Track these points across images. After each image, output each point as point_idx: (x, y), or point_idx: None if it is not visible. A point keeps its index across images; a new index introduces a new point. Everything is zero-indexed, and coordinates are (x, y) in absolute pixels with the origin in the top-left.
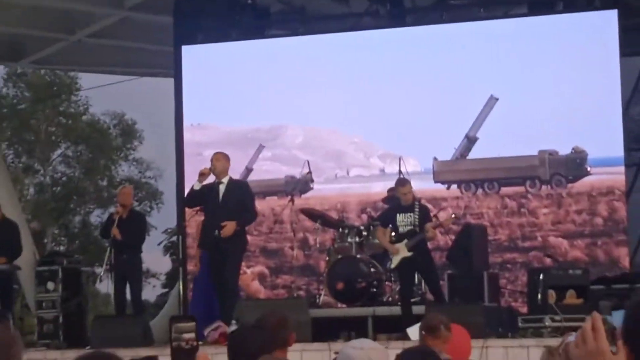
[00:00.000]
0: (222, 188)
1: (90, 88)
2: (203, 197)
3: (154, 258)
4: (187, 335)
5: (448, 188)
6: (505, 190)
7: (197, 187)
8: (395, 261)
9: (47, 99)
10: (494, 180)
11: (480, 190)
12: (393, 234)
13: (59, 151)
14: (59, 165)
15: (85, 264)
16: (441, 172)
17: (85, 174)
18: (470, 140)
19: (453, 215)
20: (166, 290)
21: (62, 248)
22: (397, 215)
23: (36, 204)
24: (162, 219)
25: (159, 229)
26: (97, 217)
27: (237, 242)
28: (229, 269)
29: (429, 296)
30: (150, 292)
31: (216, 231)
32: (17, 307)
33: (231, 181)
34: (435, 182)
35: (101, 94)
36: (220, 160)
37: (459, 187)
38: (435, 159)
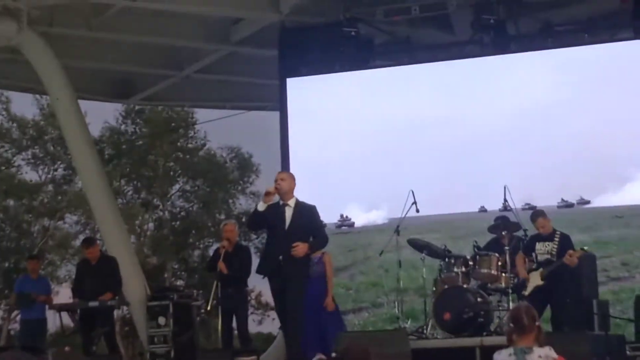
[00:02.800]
0: (288, 211)
1: (204, 122)
2: (268, 220)
3: None
4: None
5: None
6: None
7: (261, 207)
8: (529, 289)
9: (165, 134)
10: None
11: None
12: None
13: (177, 186)
14: (177, 200)
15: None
16: None
17: (203, 208)
18: None
19: (585, 248)
20: None
21: (181, 282)
22: (537, 243)
23: (155, 239)
24: None
25: None
26: None
27: (300, 269)
28: (292, 298)
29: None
30: (270, 325)
31: (280, 257)
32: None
33: (298, 204)
34: None
35: (217, 128)
36: (286, 179)
37: None
38: None
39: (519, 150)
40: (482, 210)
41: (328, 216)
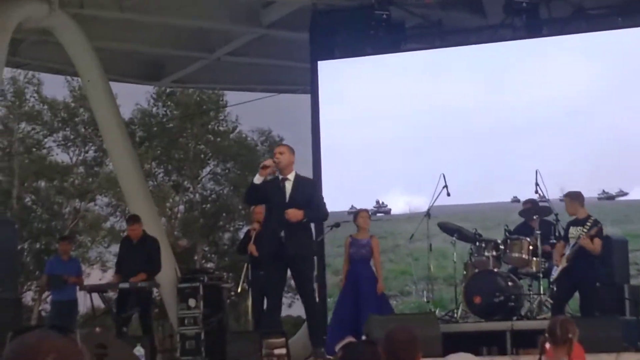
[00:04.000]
0: (288, 185)
1: (235, 104)
2: (266, 195)
3: None
4: (277, 351)
5: None
6: None
7: (257, 181)
8: (556, 273)
9: (196, 117)
10: None
11: None
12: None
13: (207, 169)
14: (207, 183)
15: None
16: None
17: (233, 191)
18: None
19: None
20: None
21: (211, 265)
22: (570, 228)
23: (186, 221)
24: None
25: None
26: None
27: (306, 246)
28: (300, 279)
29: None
30: (300, 308)
31: (282, 233)
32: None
33: (298, 178)
34: None
35: (248, 111)
36: (285, 153)
37: None
38: None
39: (554, 138)
40: (515, 200)
41: (362, 202)
